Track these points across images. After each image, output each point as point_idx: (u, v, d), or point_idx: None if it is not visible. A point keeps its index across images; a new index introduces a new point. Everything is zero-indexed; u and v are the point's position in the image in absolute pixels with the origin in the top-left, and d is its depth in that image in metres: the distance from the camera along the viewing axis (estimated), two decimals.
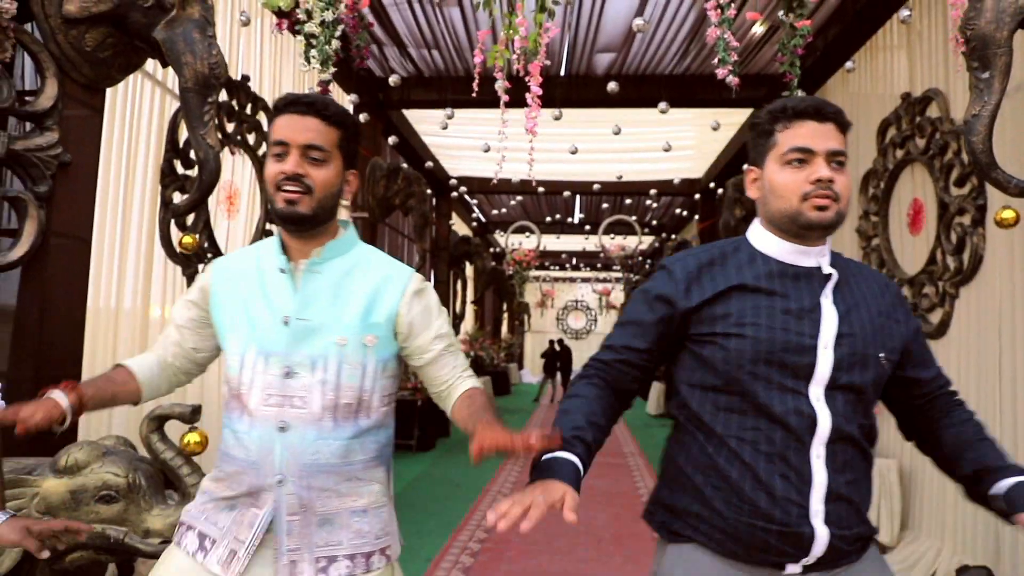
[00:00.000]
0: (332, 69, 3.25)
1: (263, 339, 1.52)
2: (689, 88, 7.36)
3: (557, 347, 16.99)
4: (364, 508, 1.52)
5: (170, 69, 3.52)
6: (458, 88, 7.41)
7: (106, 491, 2.22)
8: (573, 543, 4.95)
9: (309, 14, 3.06)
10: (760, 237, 1.49)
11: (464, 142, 9.26)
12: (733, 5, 3.19)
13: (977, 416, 1.51)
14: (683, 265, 1.48)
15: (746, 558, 1.36)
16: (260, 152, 5.25)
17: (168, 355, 1.69)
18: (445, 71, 7.52)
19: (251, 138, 5.14)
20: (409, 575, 4.05)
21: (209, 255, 4.52)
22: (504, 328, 22.04)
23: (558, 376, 16.37)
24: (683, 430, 1.48)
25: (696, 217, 12.38)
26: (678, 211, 13.55)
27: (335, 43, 3.08)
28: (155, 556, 2.19)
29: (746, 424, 1.36)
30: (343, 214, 6.95)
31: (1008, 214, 3.14)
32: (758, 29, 6.05)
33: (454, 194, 11.05)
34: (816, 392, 1.35)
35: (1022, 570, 3.58)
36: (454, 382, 1.61)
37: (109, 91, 3.37)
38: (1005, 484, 1.34)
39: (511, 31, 3.19)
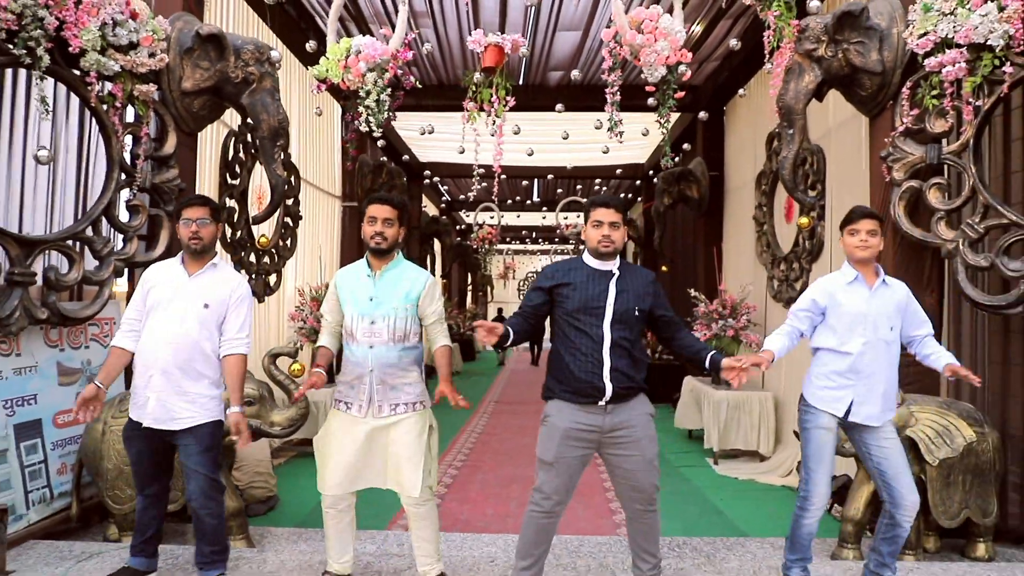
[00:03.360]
0: (380, 130, 4.64)
1: (361, 308, 3.12)
2: (628, 96, 8.81)
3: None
4: (410, 383, 3.14)
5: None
6: (433, 94, 8.81)
7: (248, 399, 3.68)
8: (532, 459, 6.50)
9: (368, 93, 4.43)
10: (587, 257, 3.06)
11: (435, 135, 10.62)
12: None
13: (684, 329, 3.13)
14: (549, 270, 3.10)
15: (580, 400, 2.95)
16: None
17: (333, 330, 3.26)
18: (422, 80, 8.87)
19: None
20: None
21: (265, 249, 5.92)
22: (469, 299, 23.52)
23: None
24: (552, 347, 3.09)
25: (639, 199, 13.98)
26: (623, 194, 15.16)
27: (385, 114, 4.46)
28: (279, 437, 3.71)
29: (576, 337, 2.96)
30: (337, 211, 8.35)
31: (803, 220, 4.69)
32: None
33: (427, 182, 12.40)
34: (606, 325, 2.93)
35: (841, 461, 5.17)
36: (436, 338, 3.24)
37: None
38: (709, 355, 3.01)
39: (485, 99, 4.66)
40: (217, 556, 3.14)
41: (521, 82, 8.79)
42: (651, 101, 5.45)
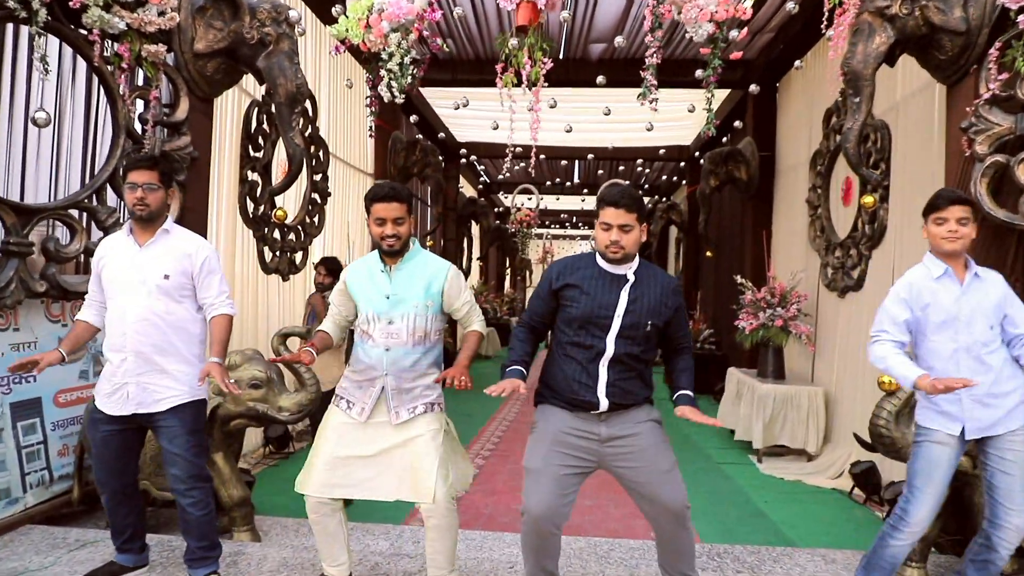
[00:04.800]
0: (403, 96, 4.32)
1: (376, 306, 2.78)
2: (672, 71, 8.35)
3: None
4: (427, 385, 2.80)
5: (246, 76, 4.61)
6: (467, 70, 8.47)
7: (255, 381, 3.43)
8: None
9: (391, 55, 4.11)
10: (598, 257, 2.65)
11: (472, 113, 10.27)
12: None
13: (687, 357, 2.77)
14: (555, 269, 2.71)
15: (573, 408, 2.59)
16: (307, 133, 6.35)
17: (337, 320, 2.93)
18: (457, 55, 8.52)
19: (299, 122, 6.25)
20: None
21: (284, 224, 5.68)
22: (507, 283, 23.23)
23: None
24: (549, 353, 2.73)
25: (684, 182, 13.46)
26: (664, 177, 14.61)
27: (409, 78, 4.14)
28: (287, 423, 3.43)
29: (572, 348, 2.60)
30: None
31: (868, 200, 4.25)
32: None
33: (463, 161, 12.09)
34: (611, 337, 2.55)
35: (896, 464, 4.75)
36: (468, 323, 2.93)
37: None
38: (677, 394, 2.67)
39: (519, 64, 4.30)
40: (206, 552, 2.89)
41: (561, 56, 8.39)
42: (699, 74, 5.04)
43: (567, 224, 22.89)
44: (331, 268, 5.52)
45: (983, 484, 2.81)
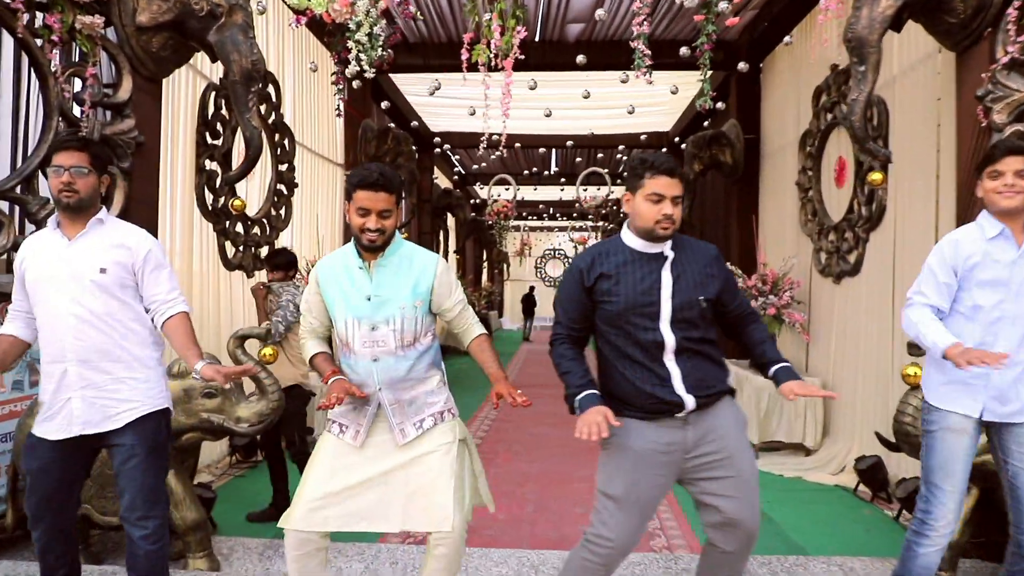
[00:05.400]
0: (373, 71, 3.94)
1: (355, 309, 2.38)
2: (654, 52, 8.05)
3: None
4: (431, 390, 2.44)
5: (200, 56, 4.21)
6: (440, 54, 8.08)
7: (208, 389, 3.06)
8: (550, 453, 5.90)
9: (359, 25, 3.73)
10: (629, 237, 2.32)
11: (446, 101, 9.89)
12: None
13: (762, 324, 2.42)
14: (582, 263, 2.34)
15: (651, 416, 2.25)
16: (271, 120, 5.96)
17: (319, 333, 2.53)
18: (428, 38, 8.14)
19: (263, 108, 5.85)
20: None
21: (242, 215, 5.29)
22: (484, 276, 22.87)
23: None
24: (601, 360, 2.37)
25: None
26: None
27: (379, 51, 3.77)
28: (245, 436, 3.06)
29: (627, 345, 2.26)
30: (339, 178, 7.69)
31: (876, 176, 3.98)
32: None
33: (437, 150, 11.70)
34: (664, 326, 2.22)
35: (904, 460, 4.51)
36: (468, 328, 2.54)
37: None
38: (774, 369, 2.29)
39: (489, 33, 3.95)
40: None
41: (537, 38, 8.05)
42: (684, 51, 4.73)
43: (544, 215, 22.55)
44: (278, 264, 4.42)
45: (1004, 483, 2.53)
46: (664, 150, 12.51)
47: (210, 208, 5.12)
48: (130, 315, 2.47)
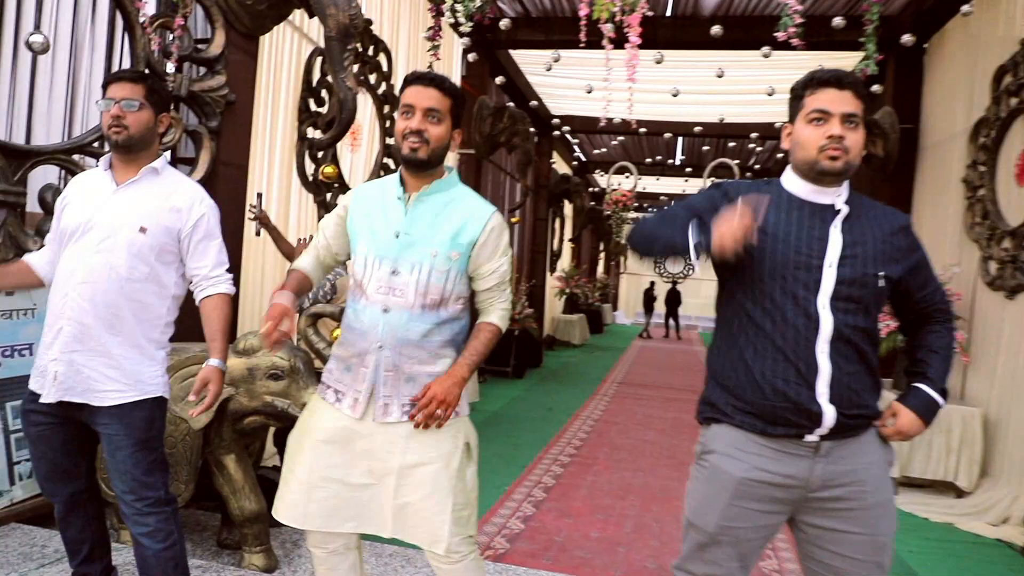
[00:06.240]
0: (471, 24, 3.58)
1: (380, 246, 1.98)
2: (811, 31, 7.24)
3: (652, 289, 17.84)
4: (437, 374, 1.96)
5: (306, 18, 3.97)
6: (563, 29, 7.62)
7: (274, 371, 2.77)
8: (655, 463, 5.36)
9: None
10: (789, 180, 1.78)
11: (567, 82, 9.43)
12: None
13: (943, 331, 1.84)
14: (732, 187, 1.81)
15: (771, 431, 1.70)
16: (380, 91, 5.73)
17: (320, 254, 2.16)
18: (552, 11, 7.69)
19: (372, 78, 5.63)
20: (505, 479, 4.61)
21: (336, 184, 5.08)
22: (600, 268, 22.28)
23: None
24: (719, 336, 1.84)
25: None
26: (780, 156, 13.27)
27: (479, 1, 3.40)
28: None
29: (765, 320, 1.70)
30: (450, 160, 7.40)
31: None
32: None
33: (556, 133, 11.27)
34: (822, 301, 1.66)
35: None
36: (488, 309, 2.08)
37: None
38: (919, 388, 1.78)
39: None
40: None
41: (668, 12, 7.42)
42: (837, 21, 4.02)
43: (666, 208, 21.69)
44: None
45: None
46: None
47: (309, 179, 4.92)
48: (152, 288, 2.18)
